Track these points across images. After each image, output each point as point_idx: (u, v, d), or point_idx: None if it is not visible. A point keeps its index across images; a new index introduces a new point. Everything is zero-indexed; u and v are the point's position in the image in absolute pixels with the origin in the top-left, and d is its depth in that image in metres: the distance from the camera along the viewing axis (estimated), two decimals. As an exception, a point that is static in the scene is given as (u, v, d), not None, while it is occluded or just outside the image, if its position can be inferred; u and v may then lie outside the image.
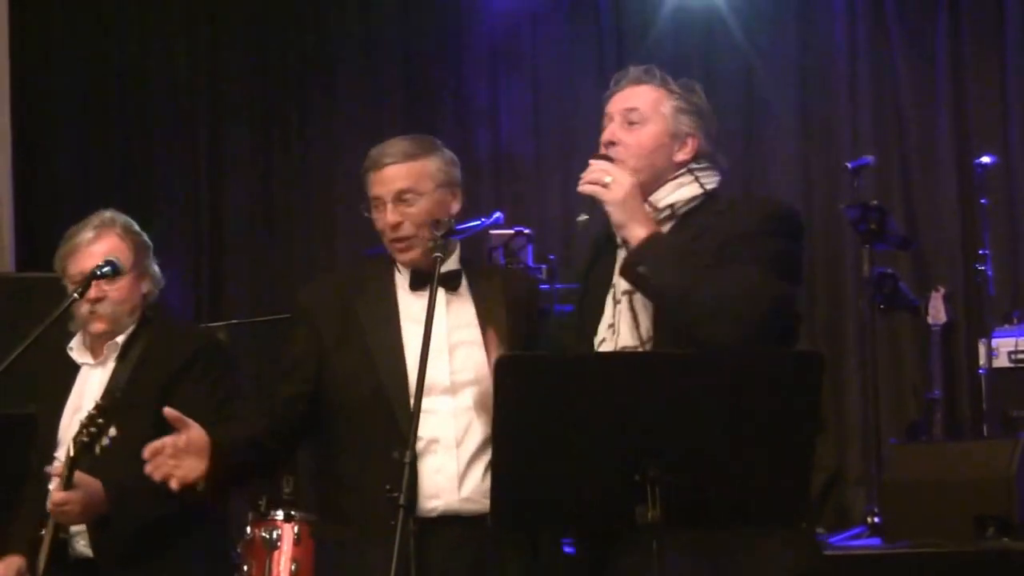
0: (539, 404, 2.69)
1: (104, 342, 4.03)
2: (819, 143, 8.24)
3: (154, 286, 4.13)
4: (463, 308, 3.58)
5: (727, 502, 2.78)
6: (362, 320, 3.57)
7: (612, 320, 3.26)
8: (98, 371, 4.02)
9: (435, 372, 3.42)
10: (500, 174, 8.37)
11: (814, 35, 8.28)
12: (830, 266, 8.06)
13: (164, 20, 8.59)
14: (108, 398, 3.63)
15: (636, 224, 3.21)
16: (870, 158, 7.26)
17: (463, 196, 3.66)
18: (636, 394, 2.69)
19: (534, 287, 3.87)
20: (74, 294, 3.91)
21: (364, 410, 3.51)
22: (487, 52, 8.57)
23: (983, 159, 7.27)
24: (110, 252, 4.00)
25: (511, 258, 6.38)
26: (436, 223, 3.50)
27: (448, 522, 3.43)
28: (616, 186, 3.23)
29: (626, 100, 3.35)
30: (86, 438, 3.60)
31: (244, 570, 5.14)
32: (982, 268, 7.16)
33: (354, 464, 3.52)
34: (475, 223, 3.77)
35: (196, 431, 3.33)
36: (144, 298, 4.09)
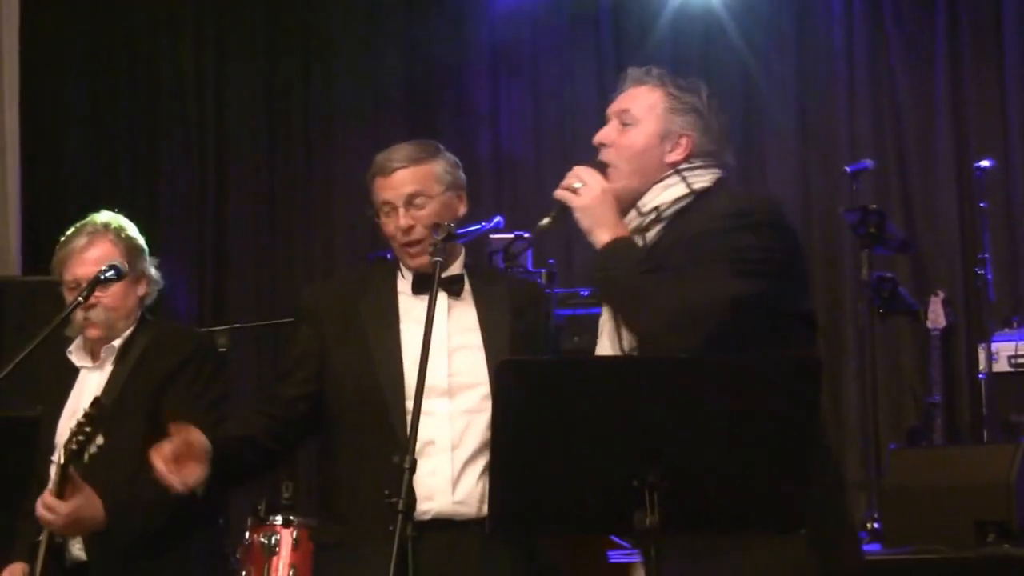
0: (538, 408, 2.68)
1: (102, 345, 4.02)
2: (818, 147, 8.24)
3: (151, 288, 4.11)
4: (465, 313, 3.59)
5: (726, 508, 2.76)
6: (363, 322, 3.57)
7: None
8: (96, 374, 4.02)
9: (433, 375, 3.42)
10: (500, 178, 8.38)
11: (812, 39, 8.29)
12: (829, 270, 8.06)
13: (170, 27, 8.60)
14: (97, 406, 3.61)
15: (602, 230, 3.19)
16: (869, 162, 7.26)
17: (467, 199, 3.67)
18: (635, 399, 2.68)
19: (539, 293, 3.87)
20: (78, 298, 3.90)
21: (362, 412, 3.51)
22: (488, 56, 8.58)
23: (982, 163, 7.27)
24: (103, 259, 3.98)
25: (511, 262, 6.37)
26: (436, 227, 3.51)
27: (441, 526, 3.43)
28: (585, 191, 3.22)
29: (622, 102, 3.33)
30: (75, 446, 3.58)
31: (243, 575, 5.14)
32: (982, 272, 7.16)
33: (352, 466, 3.53)
34: (476, 227, 3.78)
35: (196, 435, 3.33)
36: (141, 300, 4.08)
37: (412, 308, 3.56)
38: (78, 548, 3.87)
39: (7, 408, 3.90)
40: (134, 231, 4.12)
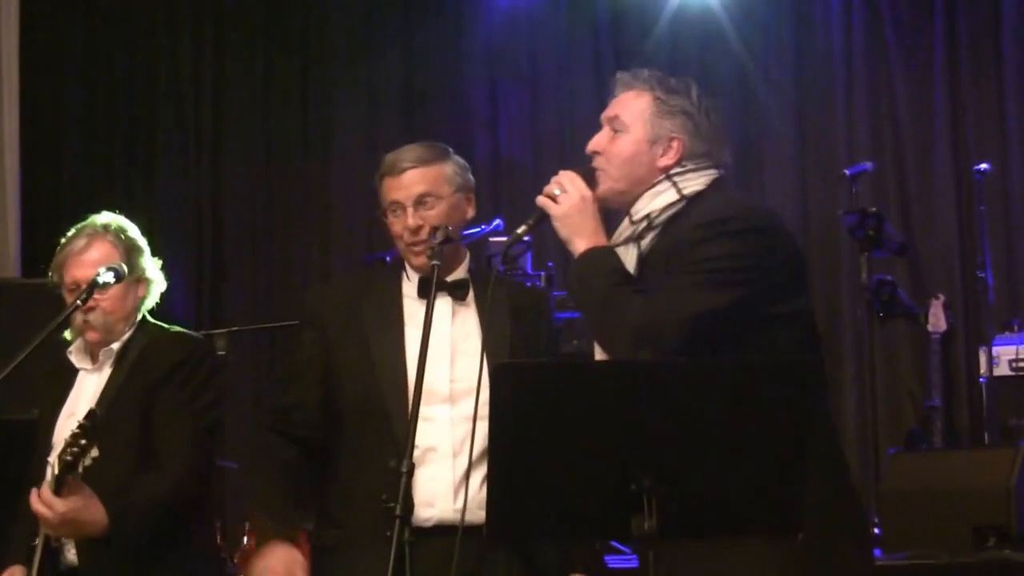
0: (535, 412, 2.67)
1: (101, 348, 4.01)
2: (816, 151, 8.24)
3: (151, 289, 4.09)
4: (469, 318, 3.57)
5: (724, 512, 2.75)
6: (366, 325, 3.56)
7: None
8: (95, 376, 3.99)
9: (435, 380, 3.42)
10: (499, 181, 8.37)
11: (810, 42, 8.29)
12: (827, 273, 8.05)
13: (168, 32, 8.59)
14: (91, 417, 3.59)
15: (578, 239, 3.18)
16: (868, 164, 7.25)
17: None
18: (632, 403, 2.66)
19: (543, 300, 3.86)
20: (77, 302, 3.89)
21: (362, 415, 3.50)
22: (486, 61, 8.57)
23: (981, 166, 7.26)
24: (102, 260, 3.96)
25: (509, 265, 6.35)
26: (435, 230, 3.51)
27: (443, 532, 3.41)
28: (564, 199, 3.21)
29: (612, 108, 3.31)
30: (69, 457, 3.55)
31: (240, 580, 5.13)
32: (982, 275, 7.15)
33: (351, 469, 3.51)
34: (475, 230, 3.77)
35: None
36: (140, 302, 4.06)
37: (416, 311, 3.53)
38: (72, 553, 3.86)
39: (3, 411, 3.89)
40: (135, 232, 4.10)
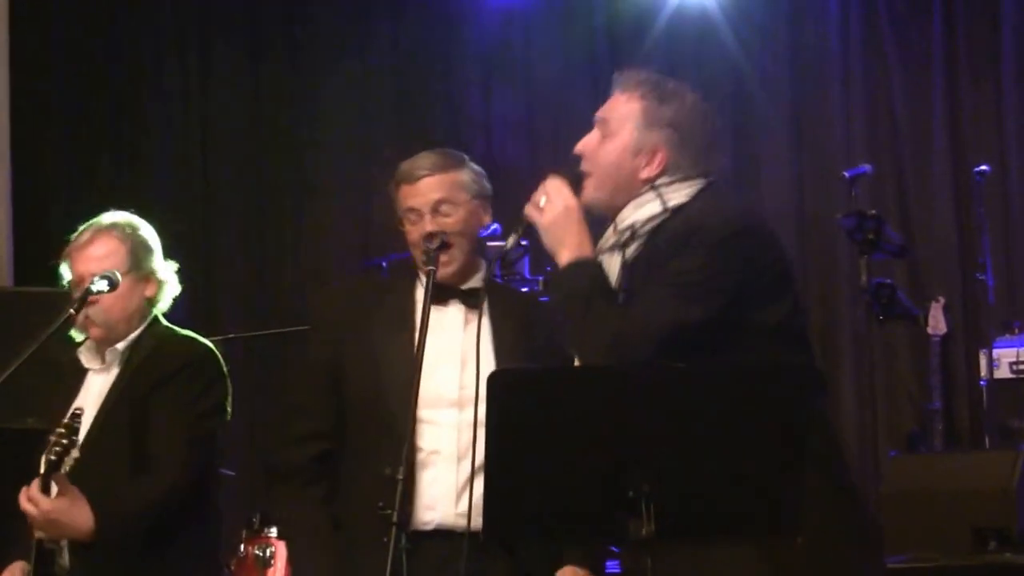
0: (531, 417, 2.67)
1: (107, 346, 3.97)
2: (814, 152, 8.22)
3: (163, 290, 4.05)
4: (483, 326, 3.51)
5: (721, 516, 2.75)
6: (376, 328, 3.56)
7: None
8: (102, 377, 3.96)
9: (444, 384, 3.45)
10: (494, 184, 8.31)
11: (808, 44, 8.26)
12: (826, 276, 8.04)
13: (154, 35, 8.58)
14: (75, 418, 3.58)
15: (562, 249, 3.15)
16: (867, 167, 7.23)
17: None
18: (628, 408, 2.66)
19: None
20: (70, 309, 3.87)
21: (367, 419, 3.51)
22: (480, 60, 8.55)
23: (981, 167, 7.24)
24: (108, 256, 3.94)
25: (507, 269, 6.34)
26: (430, 236, 3.51)
27: (443, 536, 3.41)
28: (549, 208, 3.19)
29: (605, 108, 3.29)
30: (54, 456, 3.55)
31: (237, 587, 5.12)
32: (982, 277, 7.13)
33: (353, 472, 3.52)
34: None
35: None
36: (149, 302, 4.02)
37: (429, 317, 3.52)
38: (66, 557, 3.83)
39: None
40: (147, 231, 4.08)
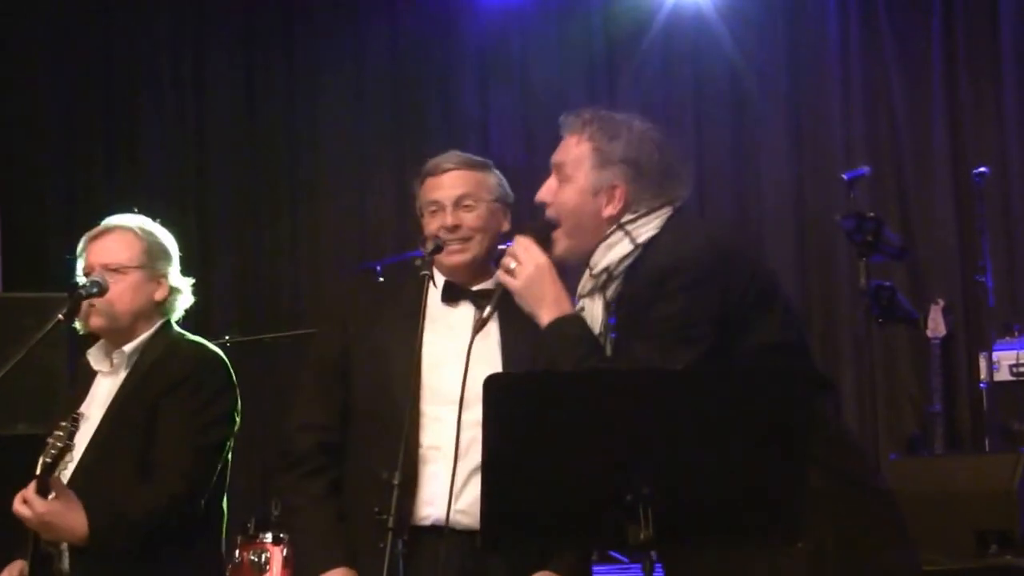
0: (528, 422, 2.66)
1: (114, 348, 3.93)
2: (812, 154, 8.20)
3: (175, 298, 4.01)
4: (491, 327, 3.56)
5: (720, 521, 2.74)
6: (385, 325, 3.57)
7: None
8: (109, 380, 3.93)
9: (447, 383, 3.45)
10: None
11: (806, 45, 8.25)
12: (825, 278, 8.02)
13: (147, 32, 8.56)
14: (72, 421, 3.56)
15: (541, 310, 3.21)
16: (866, 169, 7.21)
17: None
18: (626, 412, 2.66)
19: None
20: (59, 316, 3.83)
21: (372, 413, 3.51)
22: (476, 60, 8.54)
23: (981, 169, 7.23)
24: (121, 249, 3.92)
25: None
26: (424, 240, 3.54)
27: (440, 533, 3.41)
28: (520, 271, 3.24)
29: (557, 153, 3.34)
30: (49, 459, 3.54)
31: (232, 593, 5.09)
32: (981, 279, 7.12)
33: (355, 470, 3.53)
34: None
35: None
36: (158, 305, 3.97)
37: (438, 317, 3.55)
38: (66, 561, 3.81)
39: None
40: (165, 237, 4.05)
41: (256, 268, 8.47)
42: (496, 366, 3.49)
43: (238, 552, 5.10)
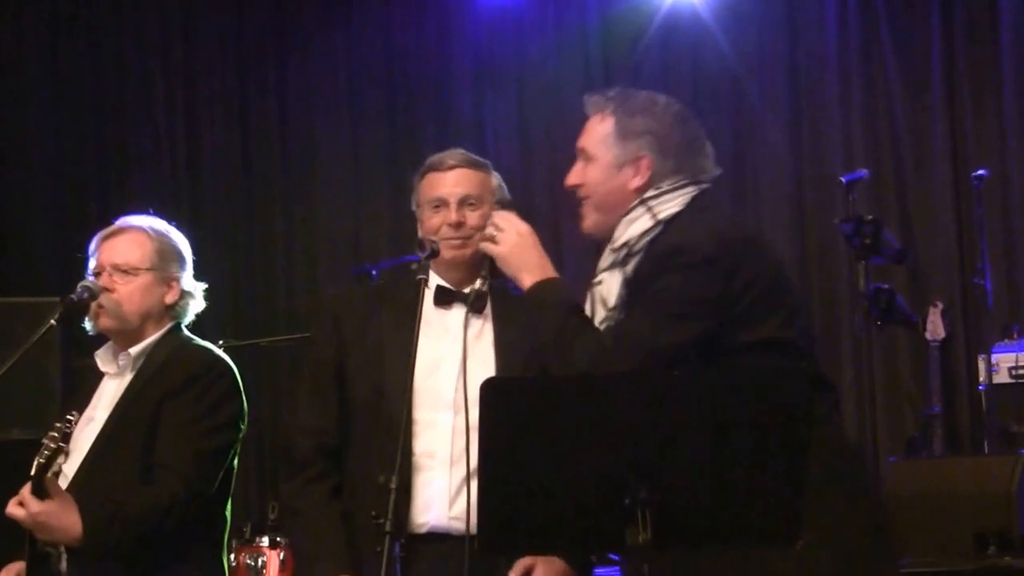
0: (524, 426, 2.66)
1: (122, 349, 3.91)
2: (811, 157, 8.20)
3: (186, 302, 4.03)
4: (485, 330, 3.58)
5: (719, 522, 2.74)
6: (382, 331, 3.58)
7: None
8: (115, 381, 3.91)
9: (443, 387, 3.47)
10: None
11: (805, 47, 8.25)
12: (824, 281, 8.01)
13: (137, 48, 8.56)
14: (68, 423, 3.54)
15: (524, 275, 3.27)
16: (864, 172, 7.21)
17: None
18: (623, 415, 2.66)
19: None
20: (51, 321, 3.82)
21: (369, 419, 3.51)
22: (472, 65, 8.54)
23: (980, 172, 7.22)
24: (133, 247, 3.91)
25: (498, 275, 6.30)
26: (421, 243, 3.55)
27: (437, 539, 3.42)
28: (503, 238, 3.30)
29: (581, 137, 3.35)
30: (43, 460, 3.52)
31: (229, 598, 5.06)
32: (980, 282, 7.11)
33: (354, 473, 3.52)
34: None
35: None
36: (168, 308, 3.97)
37: (433, 321, 3.56)
38: (64, 563, 3.79)
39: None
40: (180, 241, 4.06)
41: (251, 272, 8.47)
42: (490, 367, 3.49)
43: (234, 556, 5.09)
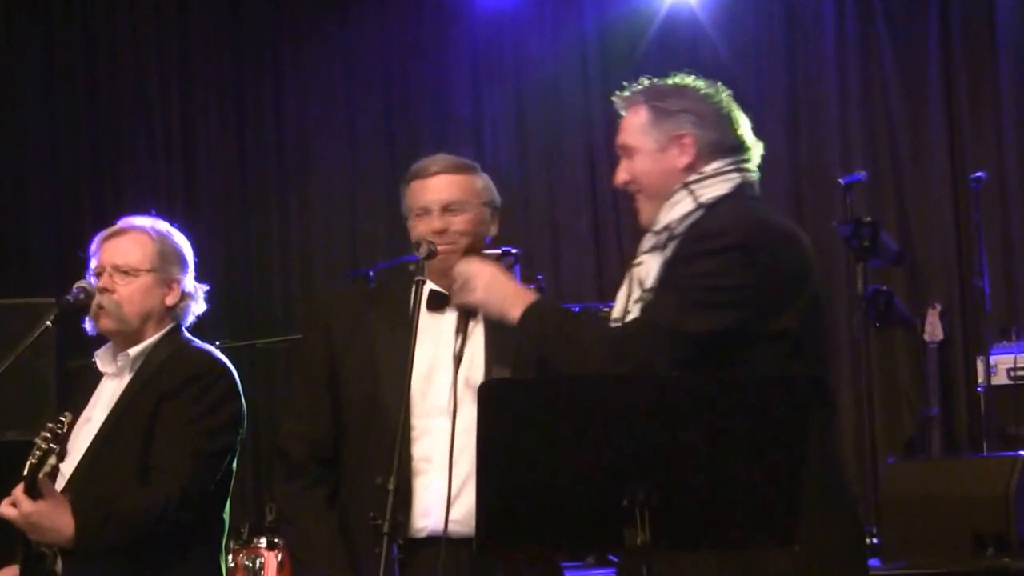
0: (523, 428, 2.65)
1: (121, 349, 3.89)
2: (810, 159, 8.20)
3: (184, 301, 4.00)
4: (477, 332, 3.55)
5: (717, 524, 2.73)
6: (374, 334, 3.56)
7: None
8: (114, 382, 3.89)
9: (437, 392, 3.45)
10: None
11: (803, 50, 8.26)
12: (822, 283, 7.98)
13: (133, 48, 8.55)
14: (61, 424, 3.53)
15: (509, 307, 3.21)
16: (862, 174, 7.22)
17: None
18: (621, 416, 2.65)
19: None
20: (47, 323, 3.81)
21: (364, 425, 3.49)
22: (470, 66, 8.53)
23: (978, 174, 7.22)
24: (134, 249, 3.89)
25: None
26: (418, 246, 3.50)
27: (436, 543, 3.38)
28: (474, 284, 3.25)
29: (619, 136, 3.33)
30: (35, 460, 3.51)
31: (226, 599, 5.06)
32: (979, 284, 7.11)
33: (349, 480, 3.51)
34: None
35: None
36: (168, 310, 3.95)
37: (426, 324, 3.51)
38: (59, 564, 3.78)
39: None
40: (182, 242, 4.05)
41: (247, 272, 8.46)
42: (481, 368, 3.47)
43: (232, 557, 5.08)
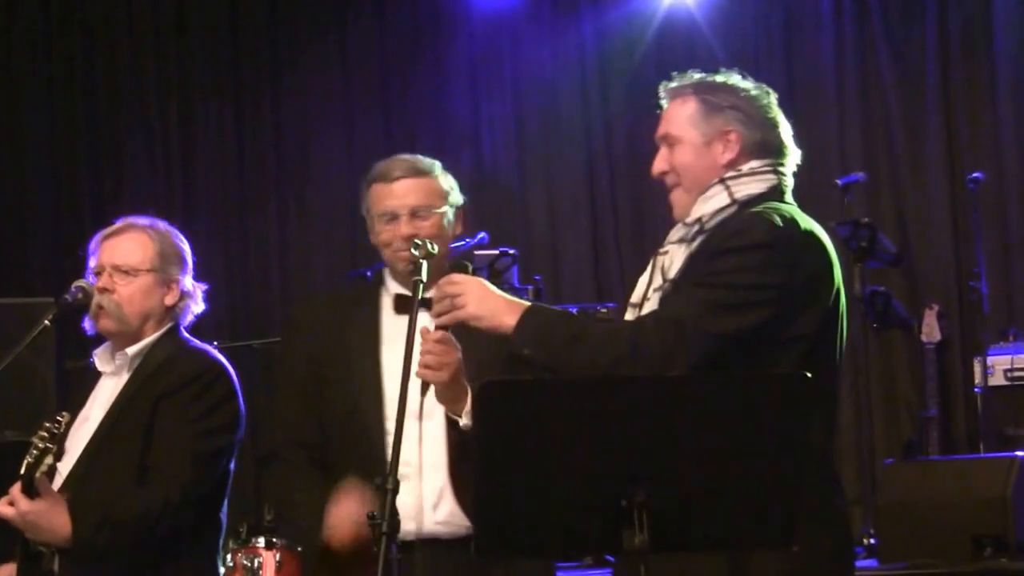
0: (521, 429, 2.64)
1: (119, 348, 3.89)
2: (808, 160, 8.14)
3: (183, 300, 4.00)
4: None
5: (716, 525, 2.73)
6: (348, 340, 3.55)
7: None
8: (112, 381, 3.89)
9: (411, 396, 3.36)
10: (483, 193, 8.29)
11: (801, 52, 8.24)
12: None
13: (131, 56, 8.55)
14: (58, 424, 3.53)
15: (501, 318, 3.13)
16: (860, 175, 7.22)
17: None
18: (620, 417, 2.64)
19: None
20: (45, 322, 3.80)
21: (344, 433, 3.50)
22: (468, 70, 8.53)
23: (975, 174, 7.22)
24: (134, 249, 3.89)
25: (496, 279, 6.31)
26: (415, 245, 3.46)
27: (427, 544, 3.40)
28: (463, 299, 3.16)
29: (662, 125, 3.31)
30: (31, 459, 3.51)
31: (224, 600, 5.04)
32: (976, 285, 7.11)
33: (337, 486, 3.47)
34: (460, 243, 3.74)
35: None
36: (168, 309, 3.95)
37: (392, 327, 3.52)
38: (56, 563, 3.77)
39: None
40: (181, 242, 4.05)
41: (245, 273, 8.45)
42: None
43: (230, 557, 5.05)
